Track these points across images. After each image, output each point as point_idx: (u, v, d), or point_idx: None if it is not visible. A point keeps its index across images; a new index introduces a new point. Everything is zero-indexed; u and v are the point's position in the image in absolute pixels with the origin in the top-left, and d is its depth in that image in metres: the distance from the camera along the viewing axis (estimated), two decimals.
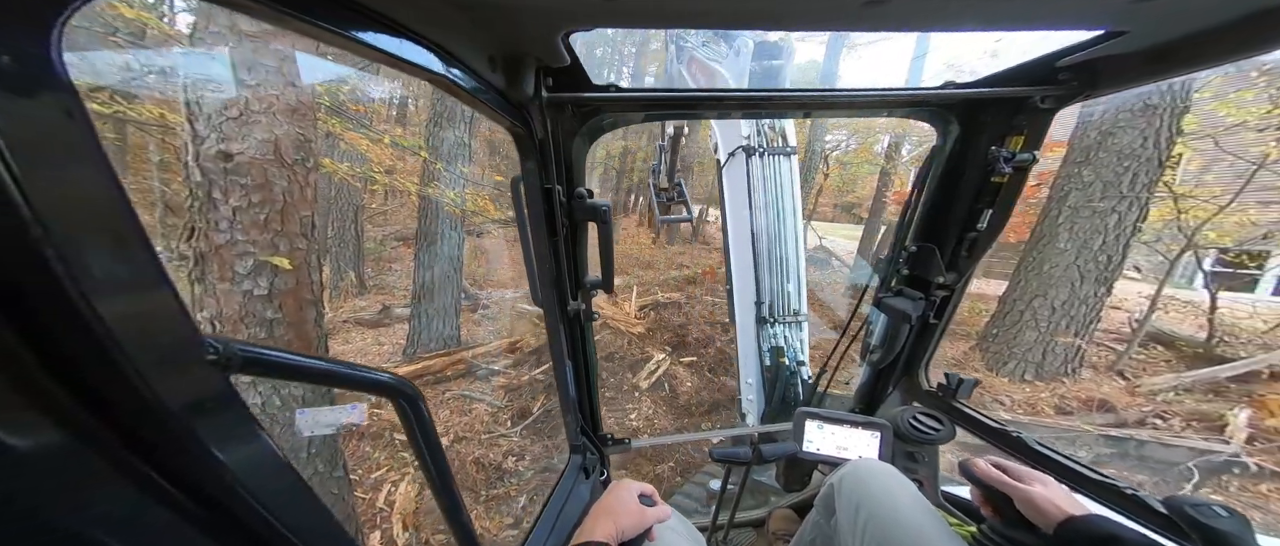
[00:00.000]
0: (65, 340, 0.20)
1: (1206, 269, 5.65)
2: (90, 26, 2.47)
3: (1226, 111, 4.79)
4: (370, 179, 4.82)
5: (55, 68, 0.19)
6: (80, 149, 0.20)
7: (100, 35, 2.53)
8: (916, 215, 1.07)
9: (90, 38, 2.48)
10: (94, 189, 0.21)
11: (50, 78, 0.19)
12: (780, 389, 1.91)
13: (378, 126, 5.32)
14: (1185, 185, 5.13)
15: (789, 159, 1.95)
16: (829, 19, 0.61)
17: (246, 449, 0.28)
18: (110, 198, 0.21)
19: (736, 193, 1.99)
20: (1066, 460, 0.89)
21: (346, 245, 6.72)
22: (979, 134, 0.91)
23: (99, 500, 0.22)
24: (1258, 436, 3.43)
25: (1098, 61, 0.72)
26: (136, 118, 2.88)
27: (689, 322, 5.83)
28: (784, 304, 1.92)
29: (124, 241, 0.22)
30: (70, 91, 0.20)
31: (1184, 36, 0.61)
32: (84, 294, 0.20)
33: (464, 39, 0.54)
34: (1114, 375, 4.66)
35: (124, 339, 0.21)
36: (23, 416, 0.19)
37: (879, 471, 0.92)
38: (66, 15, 0.20)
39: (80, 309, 0.20)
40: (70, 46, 0.21)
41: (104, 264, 0.21)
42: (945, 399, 1.16)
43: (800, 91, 0.92)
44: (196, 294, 1.79)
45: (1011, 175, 0.89)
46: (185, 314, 0.25)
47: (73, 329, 0.20)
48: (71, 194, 0.20)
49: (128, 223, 0.22)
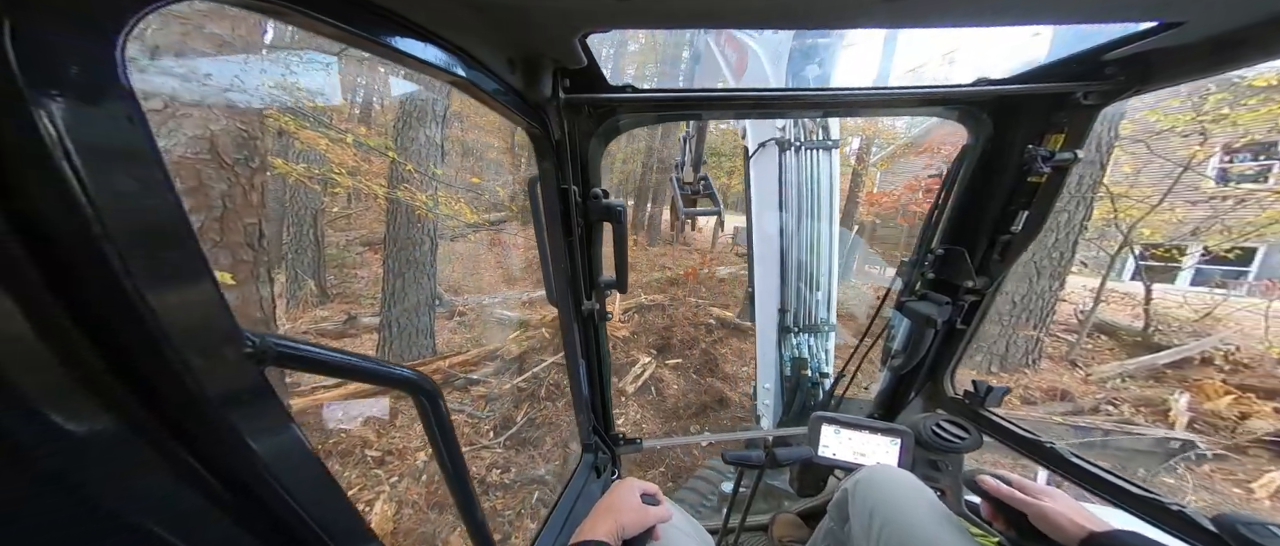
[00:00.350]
0: (121, 333, 0.21)
1: (1139, 263, 6.19)
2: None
3: (1156, 117, 5.27)
4: (331, 181, 4.55)
5: (119, 76, 0.20)
6: (140, 153, 0.21)
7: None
8: (944, 217, 1.04)
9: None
10: (151, 190, 0.22)
11: (114, 86, 0.20)
12: (801, 398, 1.86)
13: (340, 125, 5.04)
14: (1121, 186, 5.60)
15: (830, 154, 1.75)
16: (847, 16, 0.59)
17: (278, 440, 0.30)
18: (165, 198, 0.22)
19: (765, 188, 1.82)
20: (1106, 473, 0.87)
21: (305, 252, 6.33)
22: (1015, 132, 0.89)
23: (144, 485, 0.23)
24: (1197, 419, 3.74)
25: (1151, 54, 0.69)
26: None
27: (673, 325, 5.81)
28: (810, 313, 1.83)
29: (176, 239, 0.23)
30: (131, 98, 0.21)
31: (1250, 25, 0.59)
32: (139, 289, 0.21)
33: (483, 41, 0.54)
34: (1068, 364, 5.01)
35: (173, 332, 0.23)
36: (83, 405, 0.20)
37: (896, 477, 0.90)
38: (131, 26, 0.21)
39: (135, 304, 0.21)
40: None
41: (157, 261, 0.22)
42: (972, 406, 1.15)
43: (821, 91, 0.89)
44: None
45: (1050, 175, 0.87)
46: (226, 308, 0.26)
47: (128, 322, 0.21)
48: (131, 195, 0.21)
49: (179, 221, 0.23)
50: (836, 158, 1.82)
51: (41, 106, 0.18)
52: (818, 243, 1.82)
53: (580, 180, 0.86)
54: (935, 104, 0.90)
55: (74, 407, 0.20)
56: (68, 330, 0.20)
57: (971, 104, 0.88)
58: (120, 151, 0.20)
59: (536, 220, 0.87)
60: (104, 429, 0.21)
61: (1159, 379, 4.52)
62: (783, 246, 1.83)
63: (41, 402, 0.19)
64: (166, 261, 0.23)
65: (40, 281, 0.19)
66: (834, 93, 0.87)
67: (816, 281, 1.84)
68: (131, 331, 0.21)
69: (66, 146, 0.18)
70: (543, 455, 3.69)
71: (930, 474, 1.08)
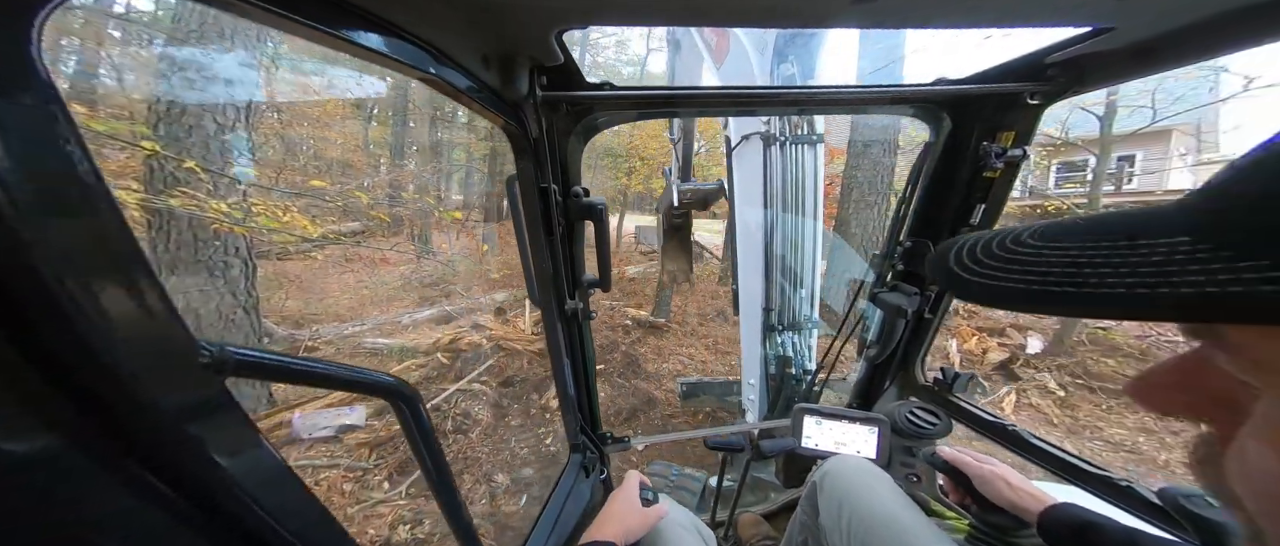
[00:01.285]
0: (59, 342, 0.20)
1: None
2: None
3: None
4: None
5: (35, 67, 0.19)
6: (65, 149, 0.20)
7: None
8: (910, 210, 1.09)
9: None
10: (81, 189, 0.21)
11: (31, 78, 0.19)
12: (786, 393, 1.88)
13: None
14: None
15: (814, 149, 1.73)
16: (820, 15, 0.62)
17: (243, 451, 0.28)
18: (97, 197, 0.21)
19: (748, 182, 1.77)
20: (1062, 453, 0.92)
21: None
22: (971, 130, 0.94)
23: (95, 503, 0.22)
24: (963, 357, 4.79)
25: (1085, 58, 0.74)
26: None
27: None
28: (794, 311, 1.84)
29: (113, 241, 0.22)
30: (52, 91, 0.19)
31: (1168, 32, 0.64)
32: (75, 295, 0.20)
33: (456, 38, 0.54)
34: None
35: (117, 340, 0.21)
36: (18, 420, 0.19)
37: (858, 467, 0.94)
38: (45, 14, 0.20)
39: (72, 311, 0.20)
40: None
41: (94, 264, 0.21)
42: (941, 393, 1.19)
43: (796, 89, 0.92)
44: None
45: (1002, 170, 0.92)
46: (176, 316, 0.25)
47: (65, 331, 0.20)
48: (59, 195, 0.20)
49: (115, 222, 0.22)
50: (821, 152, 1.80)
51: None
52: (801, 239, 1.82)
53: (560, 179, 0.87)
54: (900, 102, 0.94)
55: (14, 426, 0.19)
56: (1, 344, 0.18)
57: (931, 102, 0.93)
58: (45, 148, 0.19)
59: (516, 219, 0.87)
60: (47, 444, 0.20)
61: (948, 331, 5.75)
62: (766, 243, 1.83)
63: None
64: (103, 265, 0.21)
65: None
66: (808, 91, 0.91)
67: (800, 278, 1.85)
68: (71, 341, 0.20)
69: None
70: (467, 496, 3.14)
71: (906, 460, 1.12)
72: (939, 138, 0.98)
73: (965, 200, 1.00)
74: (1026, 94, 0.84)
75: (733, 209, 1.99)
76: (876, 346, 1.21)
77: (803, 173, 1.78)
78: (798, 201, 1.81)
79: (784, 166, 1.76)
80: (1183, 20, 0.62)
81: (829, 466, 0.97)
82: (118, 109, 3.82)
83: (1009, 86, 0.84)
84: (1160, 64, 0.69)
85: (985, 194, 0.97)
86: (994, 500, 0.78)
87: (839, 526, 0.84)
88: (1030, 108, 0.86)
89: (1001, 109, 0.89)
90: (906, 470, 1.09)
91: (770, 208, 1.79)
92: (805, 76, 1.73)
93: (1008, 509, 0.77)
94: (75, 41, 4.03)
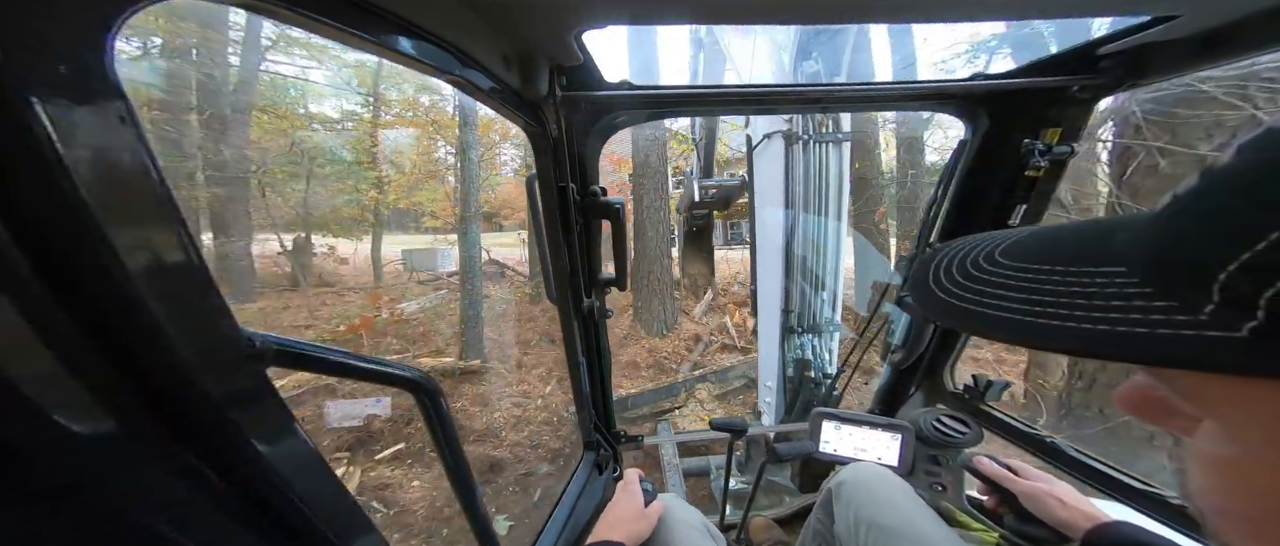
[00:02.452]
0: (122, 334, 0.21)
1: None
2: None
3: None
4: None
5: (109, 75, 0.20)
6: (132, 152, 0.21)
7: None
8: (942, 212, 1.04)
9: None
10: (145, 190, 0.22)
11: (104, 85, 0.20)
12: (804, 396, 1.83)
13: None
14: None
15: (840, 148, 1.69)
16: (843, 11, 0.60)
17: (283, 440, 0.30)
18: (160, 197, 0.22)
19: (769, 183, 1.79)
20: (1110, 468, 0.86)
21: None
22: (1011, 127, 0.88)
23: (148, 487, 0.23)
24: (736, 329, 5.94)
25: (1145, 47, 0.69)
26: None
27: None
28: (814, 313, 1.80)
29: (173, 238, 0.23)
30: (122, 97, 0.21)
31: (1243, 18, 0.59)
32: (138, 290, 0.21)
33: (478, 39, 0.55)
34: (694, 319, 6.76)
35: (175, 333, 0.23)
36: (85, 409, 0.21)
37: (877, 475, 0.91)
38: (119, 23, 0.21)
39: (135, 304, 0.21)
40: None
41: (155, 261, 0.22)
42: (972, 401, 1.14)
43: (820, 86, 0.89)
44: None
45: (1047, 168, 0.86)
46: (227, 308, 0.26)
47: (129, 323, 0.21)
48: (125, 195, 0.21)
49: (176, 221, 0.23)
50: (847, 151, 1.75)
51: (31, 107, 0.18)
52: (824, 240, 1.76)
53: (578, 177, 0.87)
54: (933, 99, 0.90)
55: (76, 411, 0.20)
56: (67, 333, 0.20)
57: (968, 99, 0.88)
58: (113, 151, 0.20)
59: (534, 218, 0.88)
60: (107, 431, 0.21)
61: (720, 309, 6.95)
62: (787, 244, 1.79)
63: (43, 407, 0.19)
64: (164, 261, 0.23)
65: (38, 285, 0.19)
66: (834, 88, 0.88)
67: (822, 281, 1.80)
68: (132, 334, 0.22)
69: (57, 148, 0.18)
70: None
71: (931, 469, 1.08)
72: (976, 135, 0.93)
73: (1004, 201, 0.95)
74: (1075, 87, 0.78)
75: (753, 209, 1.97)
76: (902, 351, 1.17)
77: (826, 172, 1.74)
78: (821, 201, 1.76)
79: (806, 165, 1.72)
80: (1258, 4, 0.56)
81: (846, 474, 0.94)
82: None
83: (1056, 80, 0.79)
84: (1234, 52, 0.63)
85: (1027, 193, 0.92)
86: (1042, 517, 0.74)
87: (855, 535, 0.82)
88: (1079, 102, 0.80)
89: (1047, 104, 0.84)
90: (931, 478, 1.05)
91: (791, 208, 1.75)
92: (831, 73, 1.68)
93: (1056, 526, 0.72)
94: None
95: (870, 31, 2.44)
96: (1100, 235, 0.21)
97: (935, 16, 0.61)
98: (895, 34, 4.23)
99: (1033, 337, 0.20)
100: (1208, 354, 0.15)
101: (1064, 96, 0.81)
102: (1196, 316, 0.16)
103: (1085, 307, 0.18)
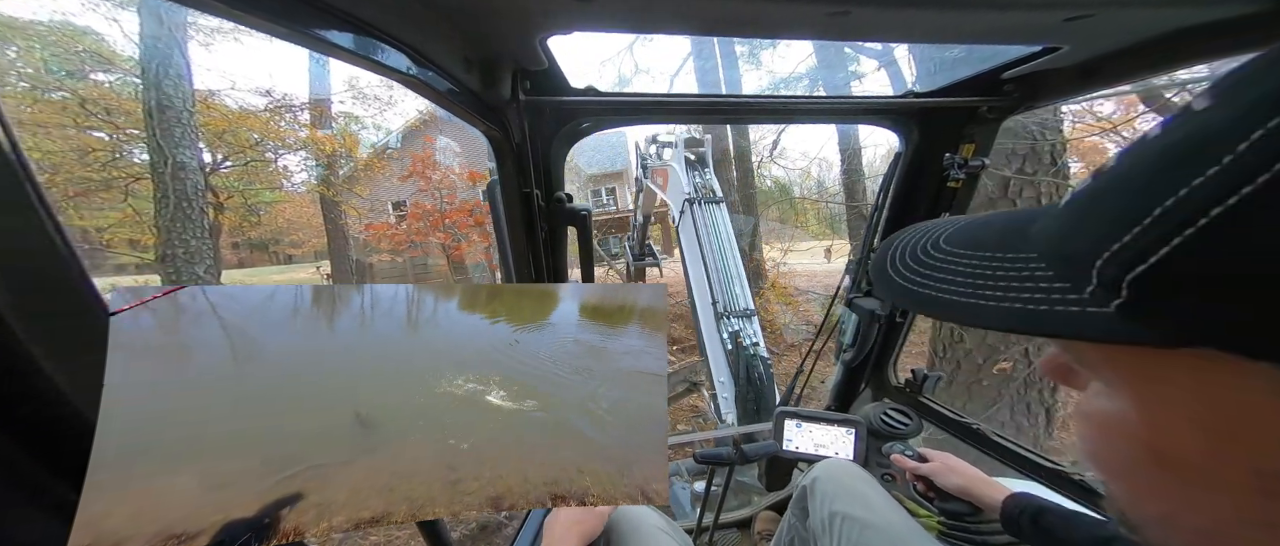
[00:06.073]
0: None
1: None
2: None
3: None
4: None
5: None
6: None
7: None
8: (882, 218, 1.13)
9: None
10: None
11: None
12: (744, 369, 2.11)
13: None
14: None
15: (719, 207, 2.63)
16: (799, 26, 0.65)
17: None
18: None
19: (689, 234, 2.60)
20: (1023, 450, 0.97)
21: None
22: (936, 141, 0.99)
23: None
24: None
25: (1037, 75, 0.80)
26: None
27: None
28: (734, 303, 2.32)
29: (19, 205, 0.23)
30: None
31: (1113, 52, 0.70)
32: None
33: (438, 41, 0.53)
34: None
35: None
36: None
37: (849, 472, 0.95)
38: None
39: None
40: None
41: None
42: (912, 394, 1.24)
43: (769, 98, 0.95)
44: None
45: (964, 181, 0.97)
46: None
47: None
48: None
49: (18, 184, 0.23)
50: (725, 209, 2.65)
51: None
52: (726, 258, 2.47)
53: (543, 184, 0.86)
54: (873, 113, 0.98)
55: None
56: None
57: (900, 114, 0.97)
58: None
59: (496, 224, 0.86)
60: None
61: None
62: (706, 264, 2.42)
63: None
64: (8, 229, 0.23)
65: None
66: (782, 100, 0.94)
67: (731, 281, 2.41)
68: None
69: None
70: None
71: (881, 460, 1.15)
72: (908, 148, 1.03)
73: (932, 209, 1.05)
74: (984, 107, 0.89)
75: (683, 257, 2.67)
76: (851, 350, 1.25)
77: (716, 222, 2.59)
78: (717, 240, 2.54)
79: (705, 218, 2.57)
80: (1125, 42, 0.67)
81: (819, 471, 0.97)
82: None
83: (968, 100, 0.89)
84: (1107, 81, 0.75)
85: (950, 202, 1.02)
86: (948, 489, 0.85)
87: (829, 528, 0.84)
88: (988, 121, 0.91)
89: (964, 121, 0.95)
90: (883, 469, 1.12)
91: (703, 245, 2.49)
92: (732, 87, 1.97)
93: (959, 495, 0.84)
94: None
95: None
96: (1022, 225, 0.24)
97: (873, 37, 0.68)
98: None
99: (975, 317, 0.22)
100: (1088, 326, 0.18)
101: (976, 116, 0.91)
102: (1082, 295, 0.19)
103: (1015, 289, 0.21)
